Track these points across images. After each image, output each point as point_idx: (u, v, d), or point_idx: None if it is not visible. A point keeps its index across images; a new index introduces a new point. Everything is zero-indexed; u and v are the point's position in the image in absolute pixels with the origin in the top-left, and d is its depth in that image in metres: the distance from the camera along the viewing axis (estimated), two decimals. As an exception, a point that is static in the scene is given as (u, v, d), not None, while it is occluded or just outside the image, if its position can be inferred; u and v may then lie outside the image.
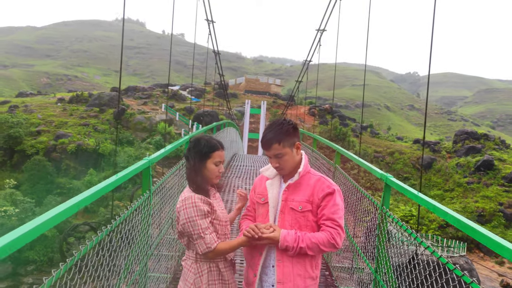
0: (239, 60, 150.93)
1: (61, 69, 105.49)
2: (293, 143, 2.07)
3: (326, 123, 46.38)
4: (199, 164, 2.05)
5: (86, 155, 33.08)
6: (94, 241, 1.83)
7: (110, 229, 2.05)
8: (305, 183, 2.07)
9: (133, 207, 2.46)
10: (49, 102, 43.16)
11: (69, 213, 1.59)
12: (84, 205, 1.75)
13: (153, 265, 3.16)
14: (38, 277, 24.46)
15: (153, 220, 3.01)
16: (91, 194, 1.86)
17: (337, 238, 1.96)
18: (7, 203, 26.72)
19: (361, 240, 3.39)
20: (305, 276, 2.03)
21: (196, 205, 1.97)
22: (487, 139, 43.71)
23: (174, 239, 3.94)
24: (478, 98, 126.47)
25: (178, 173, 3.76)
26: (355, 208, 3.70)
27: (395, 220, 2.49)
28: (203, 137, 2.12)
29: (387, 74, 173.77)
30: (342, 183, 4.37)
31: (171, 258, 3.89)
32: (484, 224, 33.71)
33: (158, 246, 3.35)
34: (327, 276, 4.33)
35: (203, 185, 2.06)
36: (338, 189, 2.06)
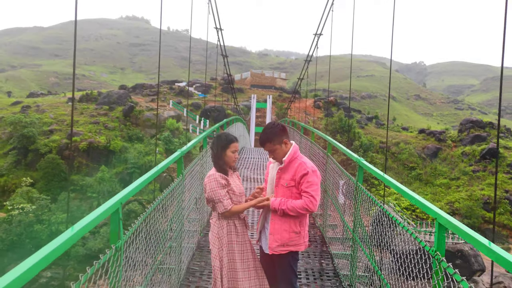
0: (244, 55, 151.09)
1: (69, 68, 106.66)
2: (281, 140, 2.95)
3: (331, 116, 46.80)
4: (221, 152, 2.91)
5: (97, 152, 33.92)
6: (150, 209, 2.55)
7: (158, 201, 2.77)
8: (292, 166, 2.93)
9: (172, 186, 3.24)
10: (59, 101, 44.10)
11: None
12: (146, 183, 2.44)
13: (184, 235, 4.02)
14: (56, 271, 25.32)
15: (184, 197, 3.95)
16: (142, 182, 2.53)
17: (310, 205, 2.83)
18: (24, 201, 27.59)
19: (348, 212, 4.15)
20: (289, 230, 2.91)
21: (217, 180, 2.85)
22: (492, 127, 43.85)
23: (196, 218, 4.77)
24: (485, 86, 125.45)
25: (199, 163, 4.53)
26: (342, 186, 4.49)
27: (365, 192, 3.19)
28: (223, 133, 3.02)
29: (392, 64, 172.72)
30: (332, 169, 5.11)
31: (195, 232, 4.88)
32: (490, 211, 34.06)
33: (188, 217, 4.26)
34: (322, 245, 5.32)
35: (224, 167, 2.92)
36: (313, 170, 2.90)
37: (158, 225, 2.90)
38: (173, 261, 3.65)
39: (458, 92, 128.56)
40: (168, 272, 3.42)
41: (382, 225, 2.92)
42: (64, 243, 1.66)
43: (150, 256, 2.82)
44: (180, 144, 36.31)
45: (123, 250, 2.09)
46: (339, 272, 4.30)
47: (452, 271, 1.77)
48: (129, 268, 2.31)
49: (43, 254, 1.54)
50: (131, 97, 43.46)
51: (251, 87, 58.72)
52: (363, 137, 43.75)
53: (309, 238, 5.54)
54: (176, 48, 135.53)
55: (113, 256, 2.01)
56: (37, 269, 1.49)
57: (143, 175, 2.66)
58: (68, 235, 1.70)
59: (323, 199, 5.62)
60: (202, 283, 4.10)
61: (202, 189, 4.39)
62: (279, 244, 2.90)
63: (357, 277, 3.68)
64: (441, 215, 1.95)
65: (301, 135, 8.61)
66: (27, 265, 1.46)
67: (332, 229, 5.08)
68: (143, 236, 2.48)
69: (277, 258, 2.99)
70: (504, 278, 25.44)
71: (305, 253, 4.97)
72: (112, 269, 1.97)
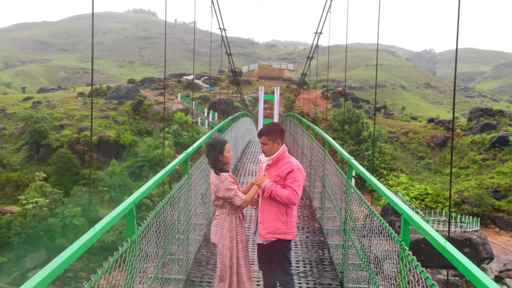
0: (251, 46, 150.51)
1: (78, 62, 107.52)
2: (275, 139, 3.39)
3: (340, 106, 46.72)
4: (218, 156, 3.33)
5: (107, 146, 34.41)
6: (159, 206, 2.87)
7: (167, 199, 3.09)
8: (279, 164, 3.37)
9: (180, 183, 3.59)
10: (69, 96, 44.71)
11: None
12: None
13: (191, 228, 4.51)
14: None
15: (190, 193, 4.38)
16: (152, 184, 2.82)
17: (292, 197, 3.26)
18: (37, 195, 28.20)
19: (342, 205, 4.44)
20: (277, 220, 3.33)
21: (227, 179, 3.29)
22: (502, 115, 43.43)
23: (203, 212, 5.16)
24: (497, 72, 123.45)
25: (200, 167, 4.90)
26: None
27: (352, 188, 3.45)
28: (215, 140, 3.46)
29: (402, 52, 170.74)
30: (330, 164, 5.38)
31: (201, 225, 5.34)
32: (499, 199, 33.96)
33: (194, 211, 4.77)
34: (320, 236, 5.65)
35: (224, 167, 3.36)
36: (298, 168, 3.31)
37: (167, 219, 3.24)
38: (181, 252, 4.04)
39: (469, 80, 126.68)
40: (177, 262, 3.83)
41: (371, 219, 3.17)
42: (87, 241, 1.92)
43: (160, 247, 3.17)
44: (189, 137, 36.67)
45: (137, 243, 2.41)
46: (334, 261, 4.62)
47: (411, 257, 2.02)
48: (142, 259, 2.63)
49: (70, 252, 1.77)
50: (139, 91, 43.86)
51: (258, 79, 58.75)
52: (372, 127, 43.69)
53: (308, 230, 5.86)
54: (184, 40, 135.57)
55: (129, 248, 2.34)
56: (66, 264, 1.72)
57: (151, 171, 2.96)
58: (90, 234, 1.99)
59: (322, 193, 5.89)
60: (208, 271, 4.49)
61: (208, 186, 4.81)
62: (268, 232, 3.33)
63: (348, 265, 4.00)
64: (405, 211, 2.22)
65: (304, 131, 8.83)
66: (58, 261, 1.67)
67: (331, 221, 5.36)
68: (154, 230, 2.81)
69: (271, 247, 3.38)
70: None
71: (304, 244, 5.30)
72: (128, 259, 2.30)
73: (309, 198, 7.53)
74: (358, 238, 3.54)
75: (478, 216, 29.54)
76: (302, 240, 5.48)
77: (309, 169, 7.49)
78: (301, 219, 6.43)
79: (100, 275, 1.92)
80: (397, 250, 2.27)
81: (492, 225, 32.88)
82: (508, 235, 31.83)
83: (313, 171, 7.16)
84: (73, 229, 26.91)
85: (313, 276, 4.44)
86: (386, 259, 2.77)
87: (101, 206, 29.92)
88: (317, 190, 6.72)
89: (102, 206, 29.97)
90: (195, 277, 4.33)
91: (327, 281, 4.33)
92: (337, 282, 4.32)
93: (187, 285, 4.11)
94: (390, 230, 2.50)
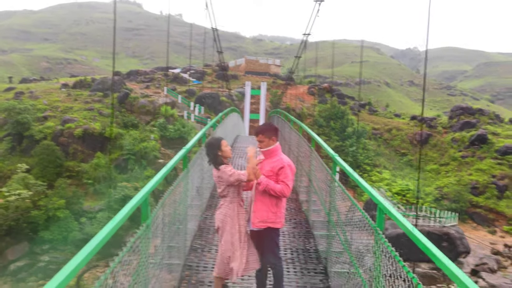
0: (238, 40, 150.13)
1: (60, 52, 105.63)
2: (270, 136, 3.84)
3: (325, 102, 47.26)
4: (217, 153, 3.77)
5: (92, 139, 34.13)
6: (164, 196, 3.16)
7: (170, 191, 3.39)
8: (271, 160, 3.81)
9: (181, 176, 3.87)
10: (53, 87, 44.08)
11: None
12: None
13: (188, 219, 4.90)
14: (54, 255, 25.91)
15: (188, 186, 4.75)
16: (161, 177, 3.11)
17: (285, 191, 3.73)
18: (20, 187, 27.86)
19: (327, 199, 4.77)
20: (268, 210, 3.78)
21: (227, 168, 3.74)
22: (482, 114, 44.70)
23: (197, 204, 5.63)
24: (478, 72, 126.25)
25: (196, 162, 5.20)
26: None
27: (336, 182, 3.78)
28: (211, 139, 3.92)
29: (387, 50, 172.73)
30: (316, 161, 5.75)
31: (196, 216, 5.73)
32: (477, 196, 35.07)
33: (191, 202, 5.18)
34: (306, 227, 6.08)
35: (222, 161, 3.79)
36: (288, 164, 3.77)
37: (170, 209, 3.54)
38: (180, 240, 4.40)
39: (451, 78, 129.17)
40: (176, 249, 4.18)
41: (353, 211, 3.49)
42: (110, 231, 2.07)
43: (166, 234, 3.51)
44: (175, 130, 36.65)
45: (150, 226, 2.67)
46: (319, 249, 5.00)
47: (383, 239, 2.35)
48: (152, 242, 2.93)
49: (95, 243, 1.92)
50: (125, 84, 43.55)
51: (245, 73, 58.88)
52: (356, 124, 44.40)
53: (295, 221, 6.21)
54: (170, 33, 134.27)
55: (145, 230, 2.65)
56: (92, 254, 1.87)
57: (137, 164, 3.25)
58: (112, 224, 2.14)
59: (309, 187, 6.22)
60: (204, 258, 4.94)
61: (202, 180, 5.13)
62: (259, 220, 3.80)
63: (331, 252, 4.35)
64: (380, 202, 2.58)
65: (291, 128, 9.15)
66: (85, 252, 1.82)
67: (316, 213, 5.72)
68: (160, 219, 3.09)
69: (262, 234, 3.84)
70: (488, 259, 26.48)
71: (291, 234, 5.69)
72: (144, 240, 2.55)
73: (295, 192, 7.87)
74: (341, 228, 3.89)
75: (457, 211, 30.50)
76: (290, 230, 5.86)
77: (295, 164, 7.79)
78: (288, 211, 6.75)
79: (120, 258, 2.14)
80: (373, 234, 2.63)
81: (470, 221, 33.95)
82: (484, 230, 32.93)
83: (299, 167, 7.48)
84: (56, 222, 26.77)
85: (300, 262, 4.88)
86: (366, 246, 3.10)
87: (85, 199, 29.80)
88: (304, 184, 7.09)
89: (86, 199, 29.84)
90: (192, 262, 4.76)
91: (312, 266, 4.78)
92: (321, 267, 4.76)
93: (185, 269, 4.53)
94: (368, 218, 2.85)
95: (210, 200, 7.20)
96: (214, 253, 5.01)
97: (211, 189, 7.44)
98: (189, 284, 4.27)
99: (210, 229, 5.76)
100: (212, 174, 3.88)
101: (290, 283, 4.34)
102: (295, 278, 4.45)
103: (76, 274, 1.75)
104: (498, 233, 32.41)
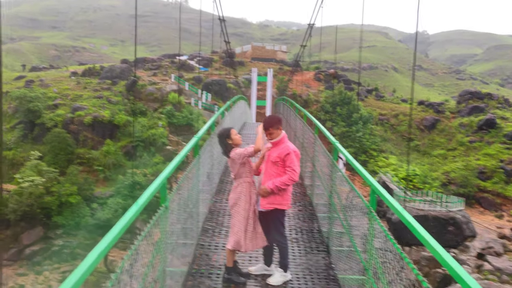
0: (244, 26, 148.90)
1: (68, 40, 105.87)
2: (278, 127, 4.21)
3: (332, 88, 47.20)
4: (227, 142, 4.21)
5: (102, 126, 34.65)
6: (179, 181, 3.49)
7: (184, 176, 3.73)
8: (279, 148, 4.16)
9: (194, 163, 4.25)
10: (62, 75, 44.54)
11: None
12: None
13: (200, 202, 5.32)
14: (67, 239, 26.67)
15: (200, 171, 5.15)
16: (176, 164, 3.45)
17: (293, 176, 4.06)
18: (33, 173, 28.54)
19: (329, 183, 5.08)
20: (275, 193, 4.15)
21: (235, 150, 4.20)
22: (490, 98, 44.34)
23: (208, 189, 6.11)
24: (488, 55, 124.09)
25: (208, 149, 5.55)
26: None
27: (336, 167, 4.07)
28: (220, 130, 4.35)
29: (395, 34, 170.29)
30: (319, 147, 6.06)
31: (206, 200, 6.05)
32: (485, 180, 35.09)
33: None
34: (310, 209, 6.48)
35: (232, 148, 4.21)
36: (294, 151, 4.12)
37: (183, 193, 3.89)
38: (193, 222, 4.80)
39: (461, 62, 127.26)
40: (190, 229, 4.58)
41: (353, 194, 3.79)
42: (136, 212, 2.32)
43: (180, 216, 3.86)
44: (182, 118, 37.01)
45: (169, 208, 3.00)
46: (322, 229, 5.35)
47: (375, 216, 2.65)
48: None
49: (124, 222, 2.16)
50: (133, 71, 43.84)
51: (252, 60, 58.80)
52: (363, 110, 44.36)
53: (300, 204, 6.56)
54: (176, 19, 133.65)
55: (165, 212, 2.98)
56: (122, 232, 2.11)
57: (145, 150, 3.60)
58: (135, 208, 2.39)
59: (313, 172, 6.54)
60: (215, 238, 5.35)
61: (212, 166, 5.51)
62: (267, 202, 4.18)
63: (333, 232, 4.67)
64: (373, 184, 2.86)
65: (296, 115, 9.42)
66: (115, 231, 2.05)
67: (319, 197, 6.07)
68: (176, 201, 3.44)
69: (270, 214, 4.20)
70: (494, 243, 26.69)
71: (296, 216, 6.06)
72: (163, 220, 2.89)
73: (301, 177, 8.21)
74: (342, 210, 4.21)
75: (464, 196, 30.64)
76: (295, 213, 6.23)
77: (301, 151, 8.12)
78: (294, 195, 7.08)
79: (143, 236, 2.47)
80: (366, 211, 2.94)
81: (477, 205, 34.07)
82: (491, 215, 33.06)
83: (304, 153, 7.79)
84: (69, 207, 27.45)
85: (304, 241, 5.28)
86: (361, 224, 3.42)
87: (96, 185, 30.44)
88: (308, 169, 7.43)
89: (96, 185, 30.48)
90: (204, 242, 5.19)
91: (315, 245, 5.16)
92: (324, 246, 5.14)
93: (198, 248, 4.95)
94: (363, 199, 3.14)
95: (219, 185, 7.57)
96: (224, 234, 5.40)
97: (220, 175, 7.86)
98: (201, 261, 4.67)
99: (220, 212, 6.15)
100: (228, 164, 4.29)
101: (295, 259, 4.73)
102: (299, 256, 4.84)
103: (107, 252, 1.99)
104: (505, 217, 32.56)
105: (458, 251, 23.69)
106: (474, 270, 21.69)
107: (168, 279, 3.25)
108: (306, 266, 4.53)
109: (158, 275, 2.78)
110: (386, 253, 2.35)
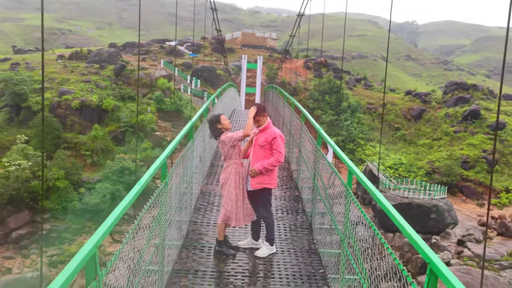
0: (234, 12, 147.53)
1: (54, 22, 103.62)
2: (263, 115, 4.60)
3: (321, 76, 47.45)
4: (216, 127, 4.55)
5: (90, 111, 34.36)
6: (175, 163, 3.72)
7: (184, 153, 3.99)
8: (265, 133, 4.55)
9: (188, 146, 4.54)
10: (49, 59, 43.83)
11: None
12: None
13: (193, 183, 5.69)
14: (54, 224, 26.67)
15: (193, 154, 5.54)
16: (171, 148, 3.76)
17: (279, 157, 4.52)
18: (20, 157, 28.29)
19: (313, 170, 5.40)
20: (263, 174, 4.55)
21: (226, 135, 4.45)
22: (475, 89, 45.14)
23: (200, 171, 6.46)
24: (476, 46, 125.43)
25: (201, 134, 5.82)
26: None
27: (320, 152, 4.35)
28: (210, 116, 4.67)
29: (385, 23, 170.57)
30: (305, 134, 6.38)
31: (198, 180, 6.44)
32: (468, 170, 35.95)
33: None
34: (296, 192, 6.88)
35: (223, 132, 4.53)
36: (280, 135, 4.54)
37: (179, 172, 4.18)
38: (187, 201, 5.15)
39: (449, 52, 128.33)
40: (184, 207, 4.96)
41: (333, 177, 4.07)
42: (136, 193, 2.50)
43: (176, 194, 4.18)
44: (171, 103, 36.92)
45: (168, 184, 3.24)
46: (306, 209, 5.76)
47: (352, 196, 2.93)
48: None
49: (128, 200, 2.33)
50: (121, 56, 43.39)
51: (242, 47, 58.62)
52: (351, 98, 44.78)
53: (286, 187, 6.90)
54: (163, 3, 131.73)
55: (165, 187, 3.26)
56: (126, 208, 2.29)
57: (134, 136, 3.83)
58: (137, 188, 2.59)
59: (299, 157, 6.87)
60: (206, 215, 5.78)
61: (204, 150, 5.86)
62: (256, 182, 4.62)
63: (315, 212, 5.03)
64: (350, 165, 3.17)
65: (284, 103, 9.67)
66: (120, 208, 2.22)
67: (305, 180, 6.42)
68: (174, 178, 3.71)
69: (258, 193, 4.61)
70: (474, 230, 27.55)
71: (282, 198, 6.54)
72: (163, 194, 3.13)
73: (287, 161, 8.54)
74: (324, 189, 4.54)
75: (448, 185, 31.40)
76: (281, 195, 6.68)
77: (288, 137, 8.47)
78: (280, 178, 7.53)
79: (144, 213, 2.69)
80: (344, 192, 3.23)
81: (460, 194, 34.94)
82: (473, 203, 33.96)
83: (291, 139, 8.11)
84: (56, 192, 27.38)
85: (289, 220, 5.74)
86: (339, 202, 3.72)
87: (83, 170, 30.35)
88: (295, 155, 7.79)
89: (84, 170, 30.39)
90: (196, 219, 5.60)
91: (299, 223, 5.63)
92: (307, 223, 5.60)
93: (191, 225, 5.36)
94: (341, 179, 3.44)
95: (210, 168, 7.99)
96: (215, 212, 5.80)
97: (211, 159, 8.25)
98: (194, 235, 5.10)
99: (210, 193, 6.55)
100: (219, 147, 4.58)
101: (280, 235, 5.15)
102: (285, 232, 5.27)
103: (112, 229, 2.21)
104: (486, 206, 33.44)
105: (440, 237, 24.41)
106: (454, 256, 22.41)
107: (166, 249, 3.59)
108: (291, 241, 4.97)
109: (158, 243, 3.06)
110: (359, 225, 2.64)
